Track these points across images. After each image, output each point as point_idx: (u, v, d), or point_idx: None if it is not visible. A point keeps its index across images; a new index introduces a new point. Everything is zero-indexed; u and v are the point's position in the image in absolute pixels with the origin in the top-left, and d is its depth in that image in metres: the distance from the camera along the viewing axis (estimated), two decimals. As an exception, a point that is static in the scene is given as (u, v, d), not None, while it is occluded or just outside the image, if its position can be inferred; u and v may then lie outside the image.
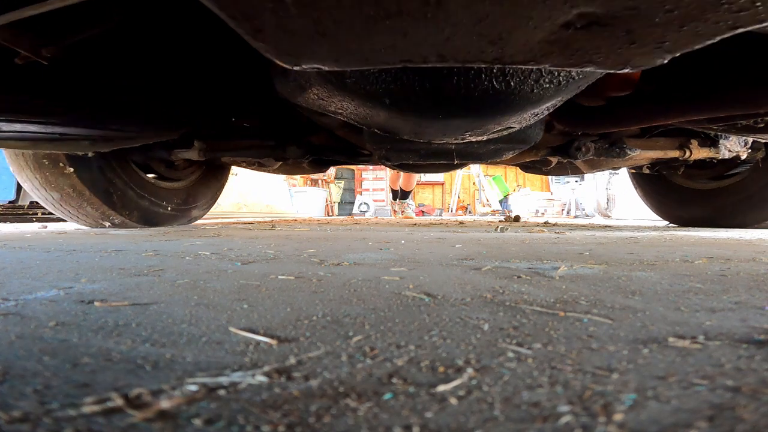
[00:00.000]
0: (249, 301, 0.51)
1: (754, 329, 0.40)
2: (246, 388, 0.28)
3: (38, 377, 0.29)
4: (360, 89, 0.91)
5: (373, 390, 0.28)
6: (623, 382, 0.28)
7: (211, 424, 0.23)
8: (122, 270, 0.74)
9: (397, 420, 0.24)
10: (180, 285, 0.61)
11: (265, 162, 2.22)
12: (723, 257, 0.93)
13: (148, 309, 0.47)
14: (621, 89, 1.37)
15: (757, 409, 0.25)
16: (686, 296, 0.54)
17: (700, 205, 2.48)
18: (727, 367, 0.31)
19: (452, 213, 9.89)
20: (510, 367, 0.31)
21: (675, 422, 0.23)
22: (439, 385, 0.28)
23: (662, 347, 0.35)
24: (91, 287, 0.59)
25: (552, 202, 8.23)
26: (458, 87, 0.87)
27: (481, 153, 1.65)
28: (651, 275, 0.69)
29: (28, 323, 0.42)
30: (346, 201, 10.56)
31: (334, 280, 0.65)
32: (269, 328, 0.41)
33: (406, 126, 1.16)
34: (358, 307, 0.49)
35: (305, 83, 1.03)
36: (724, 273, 0.71)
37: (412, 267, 0.78)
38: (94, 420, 0.24)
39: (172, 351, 0.35)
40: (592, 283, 0.62)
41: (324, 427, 0.23)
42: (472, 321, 0.43)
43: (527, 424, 0.23)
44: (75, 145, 1.54)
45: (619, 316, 0.44)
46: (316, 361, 0.33)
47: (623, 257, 0.93)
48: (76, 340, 0.37)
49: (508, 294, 0.55)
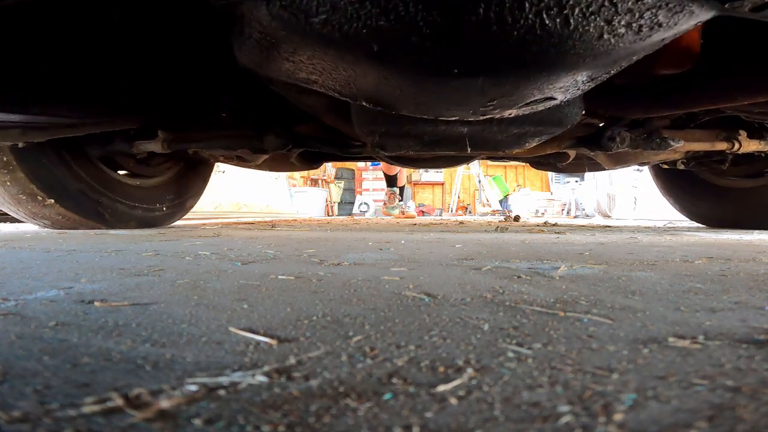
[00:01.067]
0: (249, 301, 0.51)
1: (754, 329, 0.40)
2: (246, 388, 0.28)
3: (38, 377, 0.29)
4: (333, 32, 0.67)
5: (373, 390, 0.28)
6: (623, 382, 0.28)
7: (211, 424, 0.23)
8: (122, 270, 0.74)
9: (397, 420, 0.24)
10: (180, 285, 0.61)
11: (244, 155, 1.96)
12: (723, 257, 0.93)
13: (148, 309, 0.47)
14: (677, 64, 1.06)
15: (757, 409, 0.25)
16: (686, 296, 0.54)
17: (733, 205, 2.24)
18: (727, 367, 0.31)
19: (452, 213, 9.90)
20: (510, 367, 0.31)
21: (675, 422, 0.23)
22: (439, 385, 0.28)
23: (662, 347, 0.35)
24: (91, 287, 0.59)
25: (552, 202, 8.23)
26: (487, 22, 0.59)
27: (501, 140, 1.29)
28: (651, 275, 0.69)
29: (28, 323, 0.42)
30: (346, 201, 10.57)
31: (334, 280, 0.65)
32: (269, 328, 0.41)
33: (405, 92, 0.85)
34: (358, 307, 0.49)
35: (262, 38, 0.78)
36: (724, 273, 0.71)
37: (412, 267, 0.78)
38: (94, 420, 0.24)
39: (172, 351, 0.35)
40: (592, 283, 0.62)
41: (324, 427, 0.23)
42: (472, 321, 0.43)
43: (527, 424, 0.23)
44: (3, 135, 1.35)
45: (619, 316, 0.44)
46: (316, 361, 0.33)
47: (623, 257, 0.93)
48: (76, 340, 0.37)
49: (508, 294, 0.55)
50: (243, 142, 1.77)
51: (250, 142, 1.76)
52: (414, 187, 11.58)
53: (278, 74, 0.88)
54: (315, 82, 0.86)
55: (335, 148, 1.84)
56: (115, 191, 1.96)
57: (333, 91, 0.90)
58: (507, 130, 1.21)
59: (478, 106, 0.87)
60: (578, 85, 0.81)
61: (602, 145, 1.66)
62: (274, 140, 1.69)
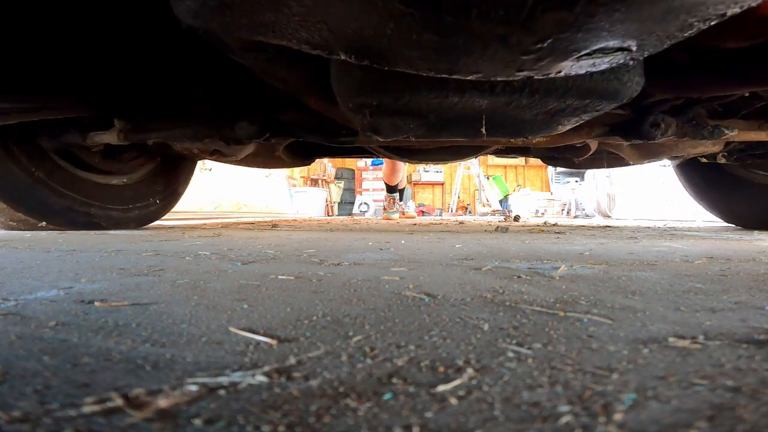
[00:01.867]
0: (249, 301, 0.51)
1: (754, 329, 0.40)
2: (246, 388, 0.28)
3: (38, 377, 0.29)
4: None
5: (373, 390, 0.28)
6: (623, 382, 0.28)
7: (211, 424, 0.23)
8: (122, 270, 0.74)
9: (397, 420, 0.24)
10: (180, 285, 0.61)
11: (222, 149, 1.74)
12: (723, 257, 0.93)
13: (148, 309, 0.47)
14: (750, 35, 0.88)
15: (757, 409, 0.25)
16: (686, 296, 0.54)
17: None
18: (727, 367, 0.31)
19: (452, 213, 9.90)
20: (510, 367, 0.31)
21: (675, 422, 0.23)
22: (439, 385, 0.28)
23: (662, 347, 0.35)
24: (91, 287, 0.59)
25: (552, 202, 8.23)
26: None
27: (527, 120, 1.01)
28: (651, 275, 0.69)
29: (28, 323, 0.42)
30: (346, 201, 10.57)
31: (334, 280, 0.65)
32: (269, 328, 0.41)
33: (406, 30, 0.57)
34: (358, 307, 0.49)
35: None
36: (725, 273, 0.71)
37: (412, 267, 0.78)
38: (94, 420, 0.24)
39: (172, 351, 0.35)
40: (592, 283, 0.62)
41: (324, 427, 0.23)
42: (472, 321, 0.43)
43: (527, 424, 0.23)
44: None
45: (619, 316, 0.44)
46: (316, 361, 0.33)
47: (623, 257, 0.93)
48: (76, 340, 0.37)
49: (508, 294, 0.55)
50: (211, 131, 1.54)
51: (221, 131, 1.52)
52: (414, 187, 11.58)
53: (224, 26, 0.68)
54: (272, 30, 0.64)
55: (321, 137, 1.56)
56: (76, 190, 1.77)
57: (303, 44, 0.66)
58: (541, 105, 0.91)
59: (519, 52, 0.59)
60: (669, 30, 0.57)
61: (643, 133, 1.39)
62: (246, 127, 1.45)
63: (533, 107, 0.92)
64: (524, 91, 0.85)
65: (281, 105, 1.51)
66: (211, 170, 4.90)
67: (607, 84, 0.85)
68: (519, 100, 0.89)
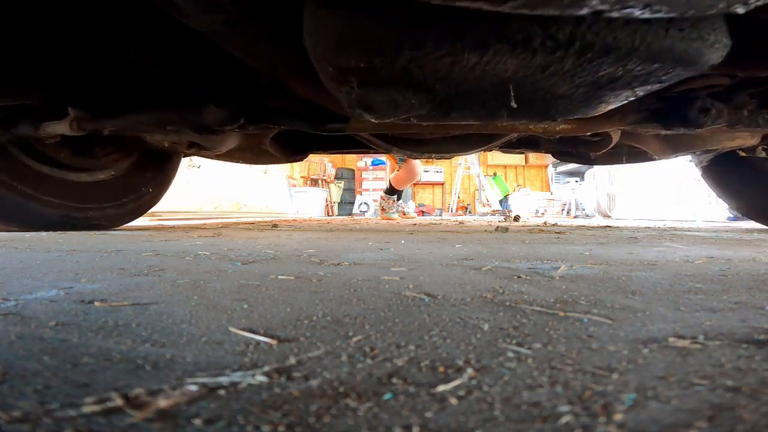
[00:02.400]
0: (249, 301, 0.51)
1: (754, 329, 0.40)
2: (246, 388, 0.28)
3: (38, 377, 0.29)
4: None
5: (373, 390, 0.28)
6: (623, 382, 0.28)
7: (211, 424, 0.23)
8: (122, 270, 0.74)
9: (397, 420, 0.24)
10: (180, 285, 0.61)
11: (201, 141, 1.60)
12: (723, 257, 0.93)
13: (148, 309, 0.47)
14: None
15: (757, 409, 0.25)
16: (686, 296, 0.54)
17: None
18: (727, 367, 0.31)
19: (452, 213, 9.90)
20: (510, 367, 0.31)
21: (675, 422, 0.23)
22: (439, 385, 0.28)
23: (662, 347, 0.35)
24: (91, 287, 0.59)
25: (552, 202, 8.23)
26: None
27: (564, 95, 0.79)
28: (651, 275, 0.69)
29: (28, 323, 0.42)
30: (346, 201, 10.56)
31: (334, 280, 0.65)
32: (269, 328, 0.41)
33: None
34: (358, 307, 0.49)
35: None
36: (725, 273, 0.71)
37: (412, 267, 0.78)
38: (94, 420, 0.24)
39: (172, 351, 0.35)
40: (592, 283, 0.62)
41: (324, 427, 0.23)
42: (472, 321, 0.43)
43: (527, 424, 0.23)
44: None
45: (619, 316, 0.44)
46: (316, 361, 0.33)
47: (623, 257, 0.93)
48: (76, 340, 0.37)
49: (508, 294, 0.55)
50: (176, 117, 1.37)
51: (187, 117, 1.34)
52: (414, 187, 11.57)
53: None
54: None
55: (307, 124, 1.38)
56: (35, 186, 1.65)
57: None
58: (590, 70, 0.68)
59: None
60: None
61: (690, 120, 1.18)
62: (215, 112, 1.27)
63: (579, 74, 0.70)
64: (572, 47, 0.62)
65: (268, 92, 1.35)
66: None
67: (687, 44, 0.64)
68: (562, 63, 0.66)
